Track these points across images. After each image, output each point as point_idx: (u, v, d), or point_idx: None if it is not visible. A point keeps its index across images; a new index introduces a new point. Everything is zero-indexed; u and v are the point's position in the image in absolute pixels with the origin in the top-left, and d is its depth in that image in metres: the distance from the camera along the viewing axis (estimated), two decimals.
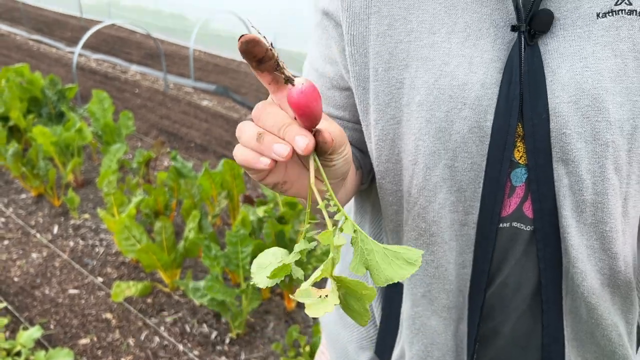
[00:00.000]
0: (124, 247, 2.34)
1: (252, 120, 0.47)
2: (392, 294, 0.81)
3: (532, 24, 0.59)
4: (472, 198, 0.65)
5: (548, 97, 0.60)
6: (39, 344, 2.12)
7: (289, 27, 6.24)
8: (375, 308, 0.85)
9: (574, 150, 0.60)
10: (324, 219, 0.43)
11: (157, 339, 2.21)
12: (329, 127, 0.45)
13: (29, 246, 2.74)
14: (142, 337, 2.21)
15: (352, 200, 0.86)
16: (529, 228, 0.66)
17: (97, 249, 2.73)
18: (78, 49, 4.48)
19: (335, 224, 0.46)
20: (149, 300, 2.42)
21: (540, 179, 0.63)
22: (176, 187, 2.86)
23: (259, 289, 2.40)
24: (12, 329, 2.19)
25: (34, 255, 2.67)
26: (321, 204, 0.44)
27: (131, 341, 2.19)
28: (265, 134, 0.44)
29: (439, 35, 0.61)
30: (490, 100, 0.61)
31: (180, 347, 2.16)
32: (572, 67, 0.59)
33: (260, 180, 0.50)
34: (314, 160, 0.45)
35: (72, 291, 2.44)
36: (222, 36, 6.68)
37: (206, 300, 2.08)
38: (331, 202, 0.44)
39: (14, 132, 3.59)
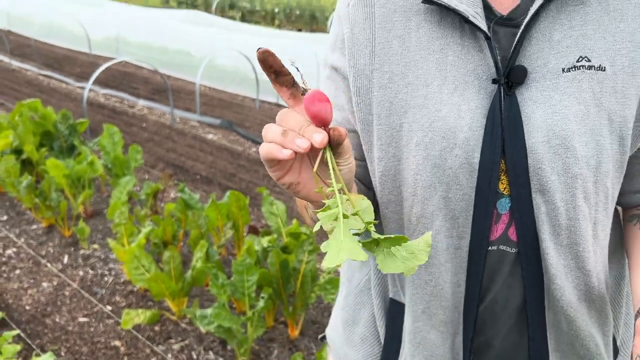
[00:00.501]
0: (134, 276, 2.41)
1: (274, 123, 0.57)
2: (395, 314, 0.90)
3: (509, 77, 0.70)
4: (464, 225, 0.75)
5: (525, 137, 0.70)
6: None
7: (291, 66, 6.42)
8: (380, 328, 0.94)
9: (549, 182, 0.71)
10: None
11: None
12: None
13: (40, 275, 2.81)
14: None
15: None
16: (513, 250, 0.76)
17: (106, 278, 2.81)
18: (89, 85, 4.65)
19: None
20: (157, 328, 2.48)
21: (521, 208, 0.73)
22: (183, 218, 2.96)
23: (264, 317, 2.46)
24: (25, 356, 2.25)
25: (45, 284, 2.74)
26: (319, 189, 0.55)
27: None
28: (289, 131, 0.54)
29: (432, 87, 0.72)
30: (477, 140, 0.72)
31: None
32: (544, 112, 0.70)
33: (278, 180, 0.59)
34: (328, 153, 0.55)
35: (82, 319, 2.51)
36: (227, 72, 6.89)
37: (213, 327, 2.14)
38: (335, 187, 0.54)
39: (26, 165, 3.71)
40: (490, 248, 0.76)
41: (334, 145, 0.56)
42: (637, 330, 0.64)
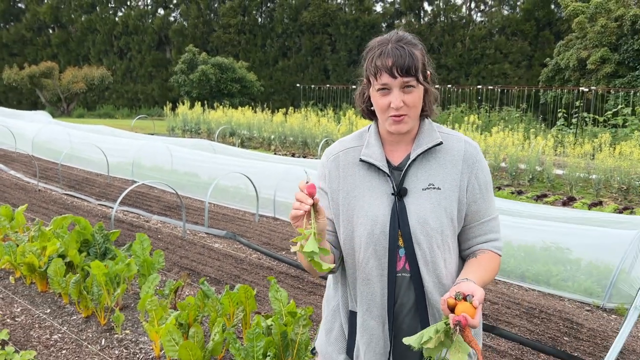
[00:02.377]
0: (167, 347, 3.07)
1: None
2: (352, 320, 1.67)
3: (399, 193, 1.57)
4: (384, 263, 1.57)
5: (408, 219, 1.55)
6: None
7: (285, 182, 7.46)
8: (345, 330, 1.70)
9: (420, 239, 1.54)
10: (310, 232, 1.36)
11: None
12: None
13: (83, 354, 3.42)
14: None
15: (331, 276, 1.76)
16: (408, 275, 1.57)
17: (137, 356, 3.42)
18: (116, 205, 5.54)
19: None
20: None
21: (409, 253, 1.56)
22: (202, 306, 3.65)
23: None
24: None
25: None
26: (307, 230, 1.37)
27: None
28: (299, 202, 1.38)
29: (365, 197, 1.59)
30: (387, 221, 1.56)
31: None
32: (415, 208, 1.56)
33: (294, 223, 1.42)
34: (312, 209, 1.39)
35: None
36: (230, 191, 7.88)
37: None
38: (313, 226, 1.37)
39: (67, 267, 4.44)
40: (397, 275, 1.57)
41: (315, 204, 1.40)
42: (449, 290, 1.43)
